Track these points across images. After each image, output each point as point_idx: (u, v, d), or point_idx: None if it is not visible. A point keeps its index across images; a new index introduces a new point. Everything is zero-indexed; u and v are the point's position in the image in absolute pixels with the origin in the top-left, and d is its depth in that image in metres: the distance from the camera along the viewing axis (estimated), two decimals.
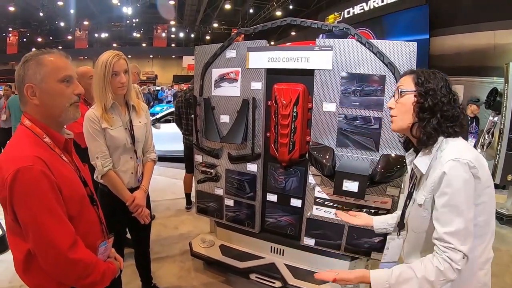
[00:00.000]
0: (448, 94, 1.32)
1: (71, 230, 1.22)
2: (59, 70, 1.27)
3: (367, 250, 2.41)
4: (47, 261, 1.18)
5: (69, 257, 1.18)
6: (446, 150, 1.27)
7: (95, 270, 1.27)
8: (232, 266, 2.76)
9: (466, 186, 1.20)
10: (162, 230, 3.92)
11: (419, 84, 1.36)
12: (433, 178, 1.27)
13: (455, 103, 1.33)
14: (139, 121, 2.20)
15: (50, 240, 1.16)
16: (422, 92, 1.33)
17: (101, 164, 2.00)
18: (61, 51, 1.32)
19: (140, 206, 2.12)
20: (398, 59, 2.12)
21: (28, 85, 1.24)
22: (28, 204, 1.14)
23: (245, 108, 2.58)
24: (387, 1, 11.45)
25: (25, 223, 1.16)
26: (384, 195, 2.28)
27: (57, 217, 1.18)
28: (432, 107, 1.31)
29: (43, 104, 1.26)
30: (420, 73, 1.38)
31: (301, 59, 2.36)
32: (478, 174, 1.22)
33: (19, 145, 1.24)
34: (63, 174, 1.25)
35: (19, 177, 1.12)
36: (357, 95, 2.25)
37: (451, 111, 1.30)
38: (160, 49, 28.69)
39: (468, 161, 1.20)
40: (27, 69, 1.24)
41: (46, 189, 1.16)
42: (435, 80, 1.34)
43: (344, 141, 2.33)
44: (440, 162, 1.26)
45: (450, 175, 1.21)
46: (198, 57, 2.78)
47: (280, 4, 18.02)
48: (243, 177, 2.75)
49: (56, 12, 21.51)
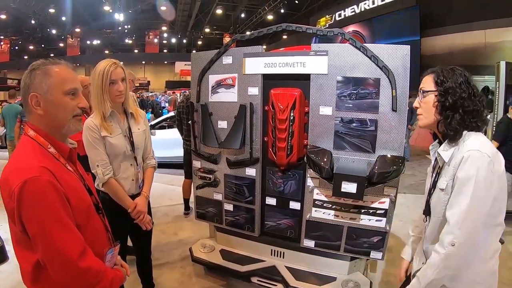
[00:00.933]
0: (467, 89, 1.39)
1: (80, 239, 1.22)
2: (65, 82, 1.27)
3: (367, 250, 2.45)
4: (57, 270, 1.18)
5: (79, 266, 1.19)
6: (468, 141, 1.36)
7: (104, 278, 1.28)
8: (233, 270, 2.78)
9: (480, 173, 1.27)
10: (161, 236, 3.92)
11: (438, 84, 1.44)
12: (454, 163, 1.37)
13: (475, 97, 1.40)
14: (138, 128, 2.22)
15: (60, 249, 1.16)
16: (442, 91, 1.41)
17: (101, 172, 2.01)
18: (68, 63, 1.33)
19: (142, 212, 2.14)
20: (392, 62, 2.17)
21: (33, 94, 1.23)
22: (37, 214, 1.13)
23: (242, 114, 2.61)
24: (377, 3, 11.57)
25: (34, 234, 1.15)
26: (382, 195, 2.32)
27: (66, 227, 1.18)
28: (453, 105, 1.39)
29: (47, 114, 1.27)
30: (439, 72, 1.45)
31: (297, 64, 2.40)
32: (494, 168, 1.29)
33: (24, 155, 1.23)
34: (70, 184, 1.26)
35: (27, 188, 1.11)
36: (352, 98, 2.30)
37: (472, 106, 1.38)
38: (153, 55, 28.71)
39: (487, 154, 1.29)
40: (33, 78, 1.24)
41: (54, 199, 1.16)
42: (454, 77, 1.41)
43: (341, 144, 2.37)
44: (461, 151, 1.35)
45: (469, 160, 1.29)
46: (195, 64, 2.81)
47: (271, 8, 18.13)
48: (242, 182, 2.77)
49: (47, 20, 21.44)
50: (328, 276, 2.62)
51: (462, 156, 1.32)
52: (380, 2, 11.42)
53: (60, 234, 1.16)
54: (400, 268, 1.84)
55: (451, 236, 1.31)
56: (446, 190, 1.40)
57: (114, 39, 27.41)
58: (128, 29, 25.18)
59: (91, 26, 24.43)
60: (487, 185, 1.29)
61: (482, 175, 1.28)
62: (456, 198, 1.34)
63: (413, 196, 5.18)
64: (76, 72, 1.36)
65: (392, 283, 3.01)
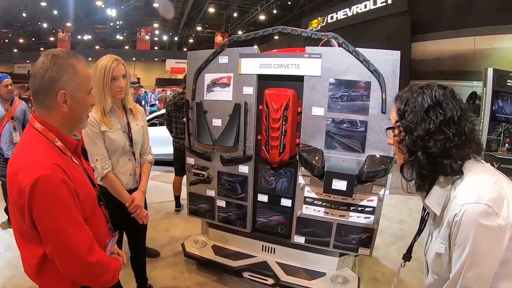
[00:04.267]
0: (438, 116, 1.08)
1: (89, 235, 1.24)
2: (88, 81, 1.30)
3: (355, 246, 2.54)
4: (66, 265, 1.20)
5: (88, 261, 1.21)
6: (460, 189, 1.08)
7: (108, 270, 1.32)
8: (225, 265, 2.84)
9: (478, 235, 1.01)
10: (153, 233, 3.95)
11: (399, 116, 1.18)
12: (447, 222, 1.10)
13: (453, 123, 1.08)
14: (136, 124, 2.27)
15: (71, 246, 1.18)
16: (401, 126, 1.16)
17: (101, 166, 2.05)
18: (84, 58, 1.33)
19: (139, 207, 2.18)
20: (383, 66, 2.27)
21: (63, 92, 1.21)
22: (49, 212, 1.14)
23: (237, 112, 2.67)
24: (370, 7, 11.71)
25: (45, 230, 1.15)
26: (370, 193, 2.42)
27: (77, 224, 1.20)
28: (412, 144, 1.12)
29: (71, 112, 1.26)
30: (403, 98, 1.18)
31: (291, 65, 2.48)
32: (498, 219, 1.00)
33: (33, 150, 1.21)
34: (78, 179, 1.27)
35: (39, 186, 1.10)
36: (344, 100, 2.38)
37: (442, 141, 1.07)
38: (143, 52, 28.49)
39: (487, 203, 1.01)
40: (61, 73, 1.21)
41: (67, 197, 1.16)
42: (417, 103, 1.11)
43: (332, 143, 2.45)
44: (453, 205, 1.08)
45: (463, 221, 1.03)
46: (191, 62, 2.86)
47: (264, 9, 18.18)
48: (235, 179, 2.84)
49: (39, 13, 21.07)
50: (318, 272, 2.70)
51: (455, 214, 1.05)
52: (372, 6, 11.57)
53: (71, 231, 1.18)
54: (386, 266, 1.80)
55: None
56: (446, 253, 1.14)
57: (105, 35, 27.15)
58: (119, 25, 24.96)
59: (83, 21, 24.16)
60: (487, 245, 1.02)
61: (480, 237, 1.01)
62: (455, 260, 1.08)
63: (400, 197, 5.31)
64: None
65: (379, 279, 3.11)
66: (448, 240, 1.11)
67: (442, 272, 1.18)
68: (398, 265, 1.57)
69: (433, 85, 1.14)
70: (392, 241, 3.89)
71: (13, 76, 11.64)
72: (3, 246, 3.39)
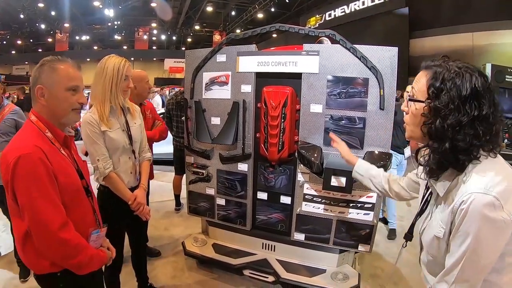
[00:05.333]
0: (473, 109, 0.99)
1: (62, 212, 1.36)
2: (69, 79, 1.45)
3: (355, 242, 2.54)
4: (39, 238, 1.32)
5: (59, 236, 1.32)
6: (471, 175, 1.03)
7: (83, 253, 1.41)
8: (225, 263, 2.85)
9: (483, 226, 0.98)
10: (153, 232, 3.96)
11: (430, 93, 1.06)
12: (452, 206, 1.05)
13: (484, 121, 1.00)
14: (134, 122, 2.28)
15: (43, 219, 1.30)
16: (432, 108, 1.05)
17: (102, 166, 2.06)
18: (74, 62, 1.49)
19: (142, 204, 2.20)
20: (381, 62, 2.27)
21: (39, 86, 1.41)
22: (26, 186, 1.29)
23: (235, 110, 2.68)
24: (367, 4, 11.71)
25: (22, 204, 1.30)
26: (369, 190, 2.41)
27: (50, 200, 1.32)
28: (440, 132, 1.03)
29: (49, 105, 1.44)
30: (438, 72, 1.06)
31: (289, 63, 2.48)
32: (503, 212, 0.97)
33: (23, 136, 1.40)
34: (61, 165, 1.41)
35: (20, 163, 1.27)
36: (342, 97, 2.38)
37: (469, 138, 1.00)
38: (142, 51, 28.44)
39: (495, 195, 0.97)
40: (42, 72, 1.42)
41: (43, 174, 1.31)
42: (456, 87, 1.01)
43: (331, 140, 2.45)
44: (461, 191, 1.03)
45: (470, 210, 0.99)
46: (189, 61, 2.86)
47: (262, 7, 18.17)
48: (234, 177, 2.84)
49: (37, 14, 21.04)
50: (318, 268, 2.71)
51: (462, 200, 1.00)
52: (370, 3, 11.58)
53: (44, 206, 1.30)
54: (386, 262, 1.82)
55: (445, 285, 1.09)
56: (444, 238, 1.10)
57: (103, 35, 27.12)
58: (117, 25, 24.92)
59: (81, 22, 24.12)
60: (490, 237, 1.00)
61: (484, 228, 0.98)
62: (454, 247, 1.06)
63: None
64: (80, 71, 1.52)
65: (379, 275, 3.13)
66: (450, 227, 1.07)
67: (437, 256, 1.16)
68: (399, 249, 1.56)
69: (473, 69, 1.04)
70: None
71: (12, 77, 11.59)
72: (3, 247, 3.40)
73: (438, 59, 1.11)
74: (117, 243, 1.74)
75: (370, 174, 1.75)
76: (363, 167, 1.80)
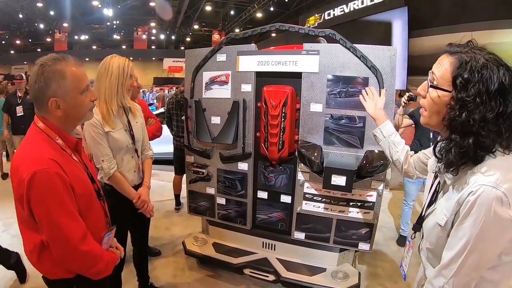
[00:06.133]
0: (499, 105, 0.96)
1: (82, 225, 1.33)
2: (80, 82, 1.35)
3: (355, 241, 2.55)
4: (59, 251, 1.30)
5: (80, 249, 1.30)
6: (483, 168, 1.00)
7: (101, 261, 1.40)
8: (226, 262, 2.85)
9: (487, 220, 0.96)
10: (153, 231, 3.95)
11: (457, 84, 1.01)
12: (459, 196, 1.03)
13: (506, 120, 0.97)
14: (136, 122, 2.29)
15: (63, 234, 1.27)
16: (458, 100, 1.00)
17: (107, 166, 2.07)
18: (76, 58, 1.39)
19: (146, 202, 2.22)
20: (380, 62, 2.28)
21: (53, 99, 1.30)
22: (44, 202, 1.23)
23: (235, 110, 2.68)
24: (367, 3, 11.72)
25: (40, 219, 1.25)
26: (369, 188, 2.43)
27: (70, 214, 1.29)
28: (464, 126, 0.99)
29: (66, 114, 1.35)
30: (466, 61, 1.01)
31: (289, 62, 2.48)
32: (510, 212, 0.95)
33: (34, 146, 1.32)
34: (75, 173, 1.36)
35: (36, 179, 1.21)
36: (342, 96, 2.39)
37: (492, 134, 0.98)
38: (141, 51, 28.36)
39: (504, 192, 0.94)
40: (48, 81, 1.28)
41: (61, 189, 1.26)
42: (485, 80, 0.96)
43: (331, 139, 2.46)
44: (471, 182, 1.00)
45: (477, 202, 0.96)
46: (189, 61, 2.87)
47: (261, 6, 18.15)
48: (235, 176, 2.85)
49: (35, 14, 20.98)
50: (318, 267, 2.72)
51: (470, 191, 0.98)
52: (369, 3, 11.58)
53: (64, 221, 1.27)
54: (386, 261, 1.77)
55: (442, 280, 1.07)
56: (445, 227, 1.08)
57: (102, 35, 27.02)
58: (116, 24, 24.87)
59: (79, 21, 24.06)
60: (494, 233, 0.98)
61: (490, 222, 0.96)
62: (454, 240, 1.04)
63: (399, 193, 5.33)
64: (82, 66, 1.42)
65: (379, 274, 3.13)
66: (453, 218, 1.05)
67: (435, 245, 1.15)
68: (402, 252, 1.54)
69: (501, 62, 1.00)
70: (392, 236, 3.91)
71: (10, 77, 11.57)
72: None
73: (464, 45, 1.07)
74: (121, 242, 1.74)
75: (392, 139, 1.65)
76: (388, 130, 1.67)
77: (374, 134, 1.74)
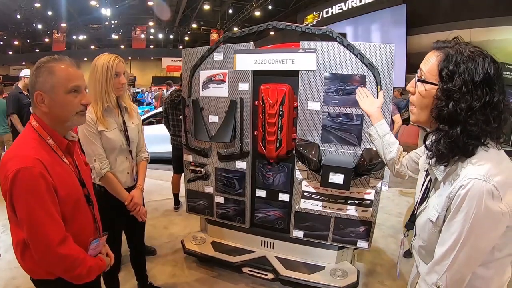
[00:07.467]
0: (485, 94, 0.97)
1: (61, 228, 1.31)
2: (68, 80, 1.33)
3: (353, 239, 2.56)
4: (37, 252, 1.29)
5: (57, 252, 1.28)
6: (473, 161, 1.01)
7: (82, 265, 1.36)
8: (225, 261, 2.86)
9: (478, 214, 0.96)
10: (152, 230, 3.96)
11: (443, 75, 1.03)
12: (449, 190, 1.03)
13: (494, 108, 0.99)
14: (131, 122, 2.27)
15: (42, 235, 1.26)
16: (444, 91, 1.02)
17: (99, 166, 2.06)
18: (72, 60, 1.38)
19: (138, 204, 2.20)
20: (377, 59, 2.27)
21: (37, 92, 1.31)
22: (25, 200, 1.24)
23: (233, 108, 2.68)
24: (365, 1, 11.71)
25: (21, 217, 1.26)
26: (367, 186, 2.43)
27: (49, 216, 1.27)
28: (452, 116, 1.01)
29: (51, 111, 1.34)
30: (451, 55, 1.03)
31: (286, 61, 2.48)
32: (501, 204, 0.96)
33: (24, 144, 1.32)
34: (61, 176, 1.34)
35: (19, 176, 1.22)
36: (339, 94, 2.39)
37: (480, 124, 0.98)
38: (139, 50, 28.36)
39: (494, 185, 0.95)
40: (38, 75, 1.31)
41: (43, 189, 1.25)
42: (469, 71, 0.99)
43: (328, 137, 2.46)
44: (461, 176, 1.01)
45: (468, 196, 0.97)
46: (186, 60, 2.86)
47: (259, 5, 18.13)
48: (233, 175, 2.85)
49: (33, 14, 20.91)
50: (317, 265, 2.72)
51: (461, 185, 0.99)
52: (368, 0, 11.57)
53: (43, 221, 1.26)
54: (385, 259, 1.78)
55: (435, 276, 1.07)
56: (437, 223, 1.09)
57: (100, 35, 26.99)
58: (114, 24, 24.83)
59: (77, 21, 24.00)
60: (486, 227, 0.98)
61: (481, 216, 0.96)
62: (446, 235, 1.04)
63: (398, 190, 5.33)
64: (80, 69, 1.41)
65: (378, 272, 3.13)
66: (445, 213, 1.06)
67: (427, 242, 1.16)
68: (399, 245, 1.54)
69: (486, 54, 1.02)
70: (390, 234, 3.91)
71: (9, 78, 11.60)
72: (3, 248, 3.39)
73: (450, 41, 1.10)
74: (114, 243, 1.73)
75: (387, 139, 1.65)
76: (384, 129, 1.67)
77: (369, 132, 1.73)
